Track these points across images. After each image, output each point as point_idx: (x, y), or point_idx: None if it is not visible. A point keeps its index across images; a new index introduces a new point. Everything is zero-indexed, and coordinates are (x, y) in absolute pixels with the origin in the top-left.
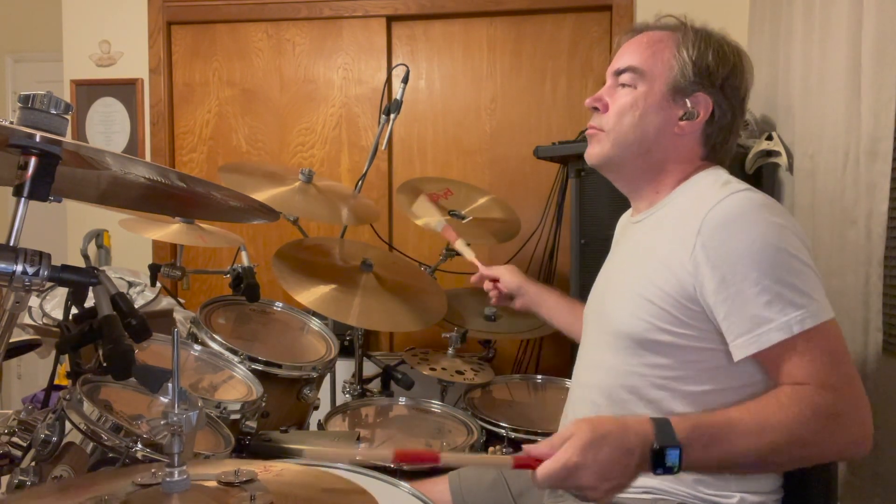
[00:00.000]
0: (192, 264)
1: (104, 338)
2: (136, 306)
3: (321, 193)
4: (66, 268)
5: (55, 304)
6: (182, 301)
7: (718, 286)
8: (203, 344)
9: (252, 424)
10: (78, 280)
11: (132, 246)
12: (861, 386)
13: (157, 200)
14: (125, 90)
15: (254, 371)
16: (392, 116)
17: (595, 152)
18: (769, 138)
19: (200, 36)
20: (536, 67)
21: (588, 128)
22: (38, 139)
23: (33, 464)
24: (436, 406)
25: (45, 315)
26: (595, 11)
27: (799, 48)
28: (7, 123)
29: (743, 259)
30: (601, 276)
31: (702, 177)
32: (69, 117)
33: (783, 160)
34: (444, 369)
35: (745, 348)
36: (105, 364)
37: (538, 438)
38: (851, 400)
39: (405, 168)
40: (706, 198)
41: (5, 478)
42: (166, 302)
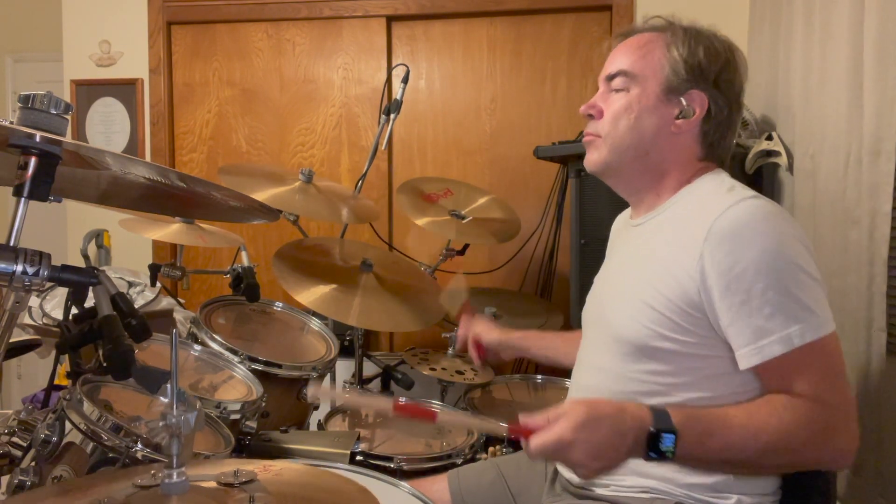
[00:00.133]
0: (192, 264)
1: (104, 338)
2: (136, 306)
3: (321, 193)
4: (66, 268)
5: (55, 304)
6: (182, 301)
7: (724, 295)
8: (203, 344)
9: (252, 424)
10: (78, 280)
11: (132, 246)
12: (853, 401)
13: (157, 200)
14: (125, 90)
15: (254, 371)
16: (392, 116)
17: (594, 159)
18: (769, 138)
19: (200, 36)
20: (536, 67)
21: (585, 135)
22: (38, 139)
23: (33, 464)
24: (436, 406)
25: (45, 315)
26: (595, 11)
27: (799, 48)
28: (7, 123)
29: (750, 269)
30: (600, 280)
31: (704, 181)
32: (69, 117)
33: (783, 160)
34: (444, 369)
35: (749, 359)
36: (105, 364)
37: None
38: (843, 415)
39: (405, 168)
40: (712, 204)
41: (5, 478)
42: (166, 302)
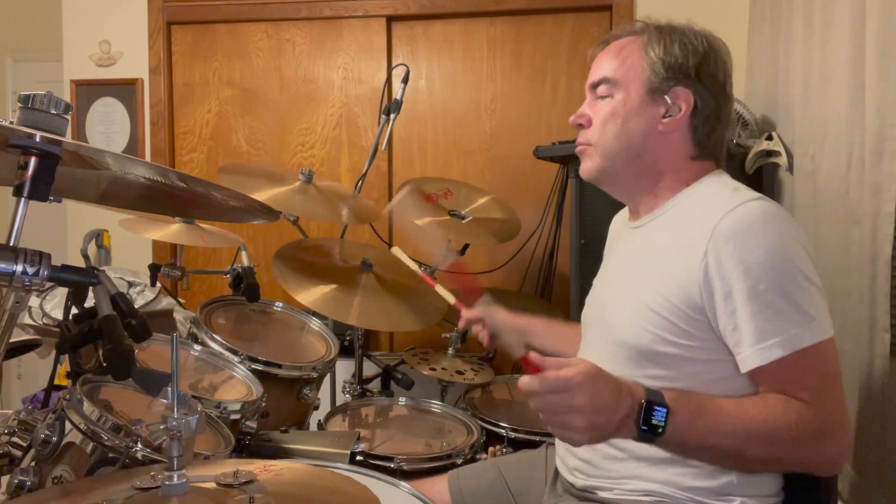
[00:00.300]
0: (192, 264)
1: (104, 338)
2: (136, 306)
3: (321, 193)
4: (66, 268)
5: (55, 304)
6: (182, 301)
7: (726, 297)
8: (203, 344)
9: (252, 424)
10: (78, 280)
11: (132, 246)
12: (847, 408)
13: (157, 200)
14: (125, 90)
15: (254, 371)
16: (392, 116)
17: (588, 167)
18: (769, 138)
19: (200, 36)
20: (536, 67)
21: (577, 145)
22: (38, 139)
23: (33, 464)
24: (436, 406)
25: (45, 315)
26: (595, 11)
27: (799, 48)
28: (7, 123)
29: (753, 270)
30: (599, 282)
31: (706, 182)
32: (69, 117)
33: (783, 160)
34: (444, 369)
35: (751, 361)
36: (105, 364)
37: (538, 438)
38: (836, 421)
39: (405, 168)
40: (716, 204)
41: (5, 478)
42: (166, 302)
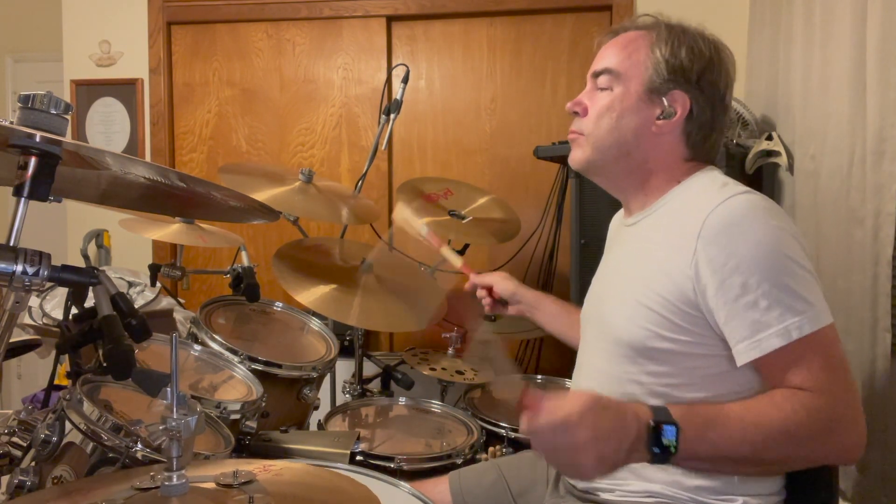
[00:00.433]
0: (192, 264)
1: (104, 338)
2: (136, 306)
3: (321, 193)
4: (66, 268)
5: (55, 304)
6: (182, 301)
7: (719, 290)
8: (203, 344)
9: (252, 424)
10: (78, 280)
11: (132, 246)
12: (857, 393)
13: (157, 200)
14: (125, 90)
15: (254, 371)
16: (392, 116)
17: (577, 157)
18: (769, 138)
19: (200, 36)
20: (536, 67)
21: (570, 132)
22: (38, 139)
23: (33, 464)
24: (436, 406)
25: (45, 315)
26: (595, 11)
27: (799, 48)
28: (7, 123)
29: (744, 263)
30: (597, 280)
31: (696, 178)
32: (69, 117)
33: (783, 160)
34: (444, 369)
35: (747, 353)
36: (105, 364)
37: None
38: (847, 407)
39: (405, 168)
40: (705, 200)
41: (5, 478)
42: (166, 302)
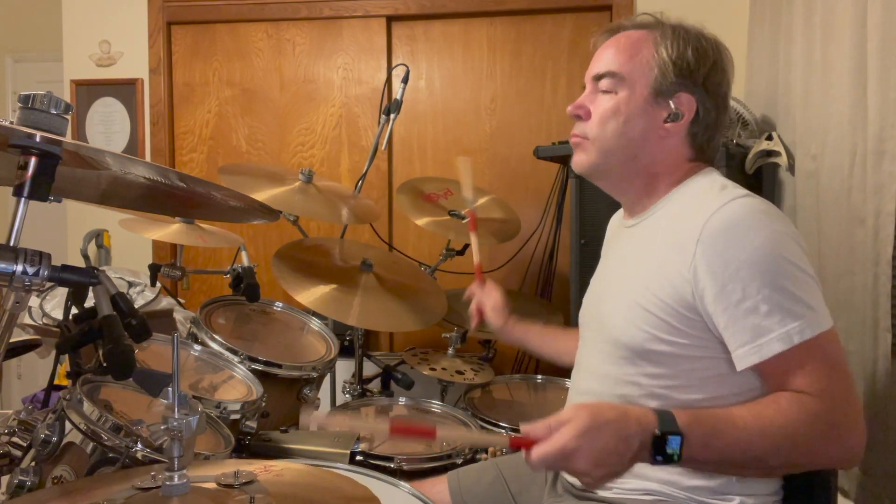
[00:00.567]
0: (192, 264)
1: (104, 338)
2: (136, 306)
3: (321, 193)
4: (66, 268)
5: (55, 304)
6: (182, 301)
7: (718, 295)
8: (203, 344)
9: (252, 424)
10: (78, 280)
11: (132, 246)
12: (858, 397)
13: (157, 200)
14: (125, 90)
15: (254, 371)
16: (392, 116)
17: (582, 161)
18: (769, 138)
19: (200, 36)
20: (536, 67)
21: (572, 136)
22: (38, 139)
23: (33, 464)
24: (436, 406)
25: (45, 315)
26: (595, 11)
27: (800, 48)
28: (7, 123)
29: (744, 267)
30: (596, 281)
31: (696, 180)
32: (69, 117)
33: (783, 160)
34: (444, 369)
35: (748, 358)
36: (105, 364)
37: None
38: (848, 410)
39: (405, 168)
40: (704, 203)
41: (5, 478)
42: (166, 302)
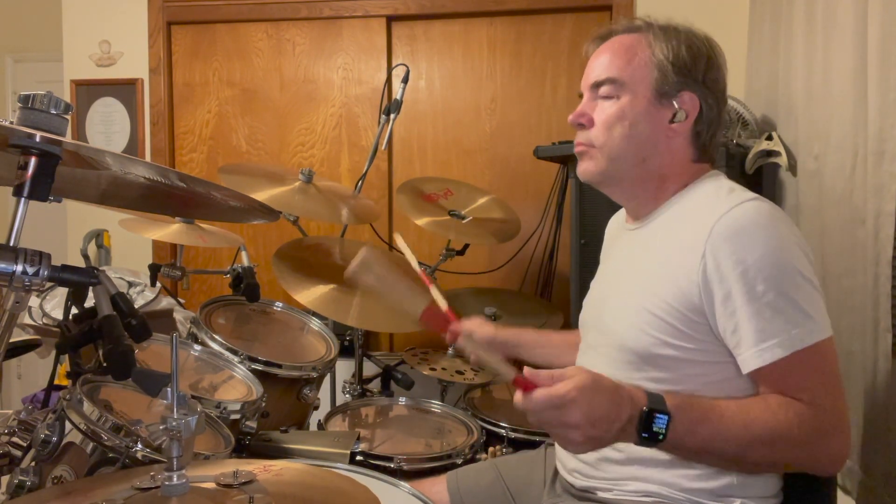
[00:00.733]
0: (192, 264)
1: (104, 338)
2: (136, 306)
3: (321, 193)
4: (66, 268)
5: (55, 304)
6: (182, 301)
7: (726, 298)
8: (203, 344)
9: (252, 424)
10: (78, 280)
11: (132, 246)
12: (847, 406)
13: (157, 200)
14: (125, 90)
15: (254, 371)
16: (392, 116)
17: (590, 168)
18: (769, 138)
19: (200, 36)
20: (536, 67)
21: (576, 145)
22: (38, 139)
23: (33, 464)
24: (436, 406)
25: (45, 315)
26: (595, 11)
27: (800, 48)
28: (7, 123)
29: (751, 271)
30: (597, 285)
31: (702, 183)
32: (69, 117)
33: (783, 160)
34: (444, 369)
35: (753, 361)
36: (105, 364)
37: (538, 439)
38: (836, 420)
39: (405, 168)
40: (713, 206)
41: (5, 478)
42: (166, 302)
